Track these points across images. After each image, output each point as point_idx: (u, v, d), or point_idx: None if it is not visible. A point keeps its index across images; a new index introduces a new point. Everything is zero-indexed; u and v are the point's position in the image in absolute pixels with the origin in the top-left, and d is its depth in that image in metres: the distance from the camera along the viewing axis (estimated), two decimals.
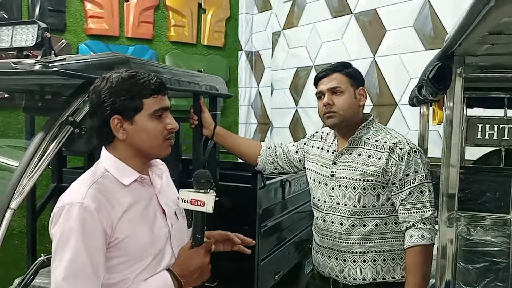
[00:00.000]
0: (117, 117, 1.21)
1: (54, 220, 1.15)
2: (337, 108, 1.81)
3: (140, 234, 1.20)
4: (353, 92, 1.84)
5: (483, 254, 1.39)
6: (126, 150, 1.25)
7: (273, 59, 5.28)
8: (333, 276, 1.87)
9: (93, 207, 1.12)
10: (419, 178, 1.73)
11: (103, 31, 4.58)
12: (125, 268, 1.18)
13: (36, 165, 1.46)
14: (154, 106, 1.24)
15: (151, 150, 1.27)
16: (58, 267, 1.10)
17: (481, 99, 2.60)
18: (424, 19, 3.75)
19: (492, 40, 1.30)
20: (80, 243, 1.10)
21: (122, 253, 1.17)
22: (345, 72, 1.85)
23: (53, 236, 1.14)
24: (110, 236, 1.15)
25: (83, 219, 1.11)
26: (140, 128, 1.22)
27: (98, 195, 1.16)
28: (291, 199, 2.93)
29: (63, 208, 1.13)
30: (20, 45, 1.53)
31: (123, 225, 1.17)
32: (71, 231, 1.10)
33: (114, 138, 1.24)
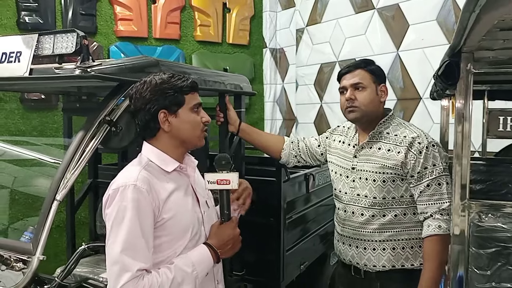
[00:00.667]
0: (164, 112, 1.39)
1: (109, 200, 1.30)
2: (359, 103, 1.88)
3: (182, 216, 1.36)
4: (375, 88, 1.90)
5: (494, 239, 1.44)
6: (169, 141, 1.42)
7: (297, 55, 5.34)
8: (354, 264, 1.96)
9: (145, 189, 1.29)
10: (437, 171, 1.79)
11: (132, 32, 4.74)
12: (168, 247, 1.34)
13: (77, 161, 1.61)
14: (192, 101, 1.43)
15: (191, 139, 1.45)
16: (115, 242, 1.25)
17: (502, 92, 2.61)
18: (447, 13, 3.74)
19: (504, 36, 1.35)
20: (134, 220, 1.25)
21: (166, 233, 1.33)
22: (367, 69, 1.91)
23: (109, 215, 1.30)
24: (157, 217, 1.31)
25: (137, 199, 1.27)
26: (183, 120, 1.41)
27: (148, 179, 1.32)
28: (315, 192, 3.01)
29: (118, 189, 1.28)
30: (61, 52, 1.67)
31: (168, 207, 1.32)
32: (126, 210, 1.26)
33: (158, 131, 1.41)
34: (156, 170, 1.39)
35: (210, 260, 1.39)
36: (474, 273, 1.47)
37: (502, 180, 2.40)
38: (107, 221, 1.30)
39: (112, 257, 1.26)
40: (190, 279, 1.32)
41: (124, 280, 1.22)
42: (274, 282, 2.56)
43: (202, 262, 1.37)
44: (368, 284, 1.93)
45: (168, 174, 1.41)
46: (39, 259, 1.51)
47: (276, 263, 2.54)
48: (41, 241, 1.52)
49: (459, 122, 1.40)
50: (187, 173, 1.49)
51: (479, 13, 0.84)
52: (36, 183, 2.66)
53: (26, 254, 1.53)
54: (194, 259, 1.36)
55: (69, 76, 1.61)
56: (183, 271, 1.32)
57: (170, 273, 1.29)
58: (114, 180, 1.36)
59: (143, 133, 1.46)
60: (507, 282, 1.45)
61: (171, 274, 1.29)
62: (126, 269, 1.23)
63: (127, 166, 1.43)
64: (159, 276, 1.27)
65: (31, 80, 1.66)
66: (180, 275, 1.31)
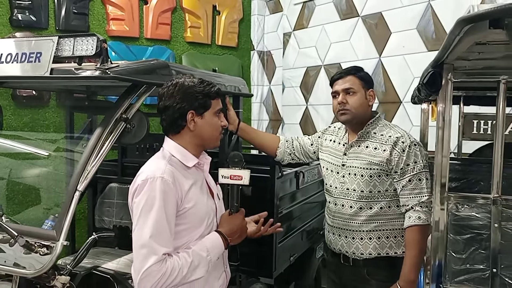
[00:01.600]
0: (192, 112, 1.54)
1: (138, 190, 1.44)
2: (350, 106, 2.08)
3: (200, 206, 1.52)
4: (364, 93, 2.10)
5: (469, 227, 1.66)
6: (191, 139, 1.58)
7: (284, 58, 5.52)
8: (343, 252, 2.15)
9: (171, 181, 1.44)
10: (417, 168, 1.99)
11: (124, 32, 4.80)
12: (187, 234, 1.50)
13: (97, 154, 1.76)
14: (217, 106, 1.60)
15: (210, 139, 1.61)
16: (144, 228, 1.40)
17: (477, 97, 2.86)
18: (427, 22, 3.98)
19: (479, 50, 1.57)
20: (162, 210, 1.41)
21: (186, 221, 1.49)
22: (357, 75, 2.11)
23: (137, 203, 1.44)
24: (179, 206, 1.46)
25: (164, 190, 1.42)
26: (207, 122, 1.57)
27: (172, 172, 1.47)
28: (304, 189, 3.19)
29: (147, 180, 1.43)
30: (81, 54, 1.80)
31: (188, 198, 1.48)
32: (155, 199, 1.41)
33: (182, 129, 1.56)
34: (178, 164, 1.54)
35: (221, 246, 1.57)
36: (452, 256, 1.69)
37: (476, 178, 2.63)
38: (135, 209, 1.44)
39: (140, 241, 1.40)
40: (204, 262, 1.49)
41: (151, 262, 1.37)
42: (266, 272, 2.73)
43: (215, 247, 1.54)
44: (356, 271, 2.12)
45: (188, 169, 1.56)
46: (62, 244, 1.65)
47: (268, 254, 2.71)
48: (64, 228, 1.66)
49: (441, 124, 1.61)
50: (203, 169, 1.65)
51: (462, 36, 1.03)
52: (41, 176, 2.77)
53: (50, 240, 1.67)
54: (208, 245, 1.52)
55: (90, 77, 1.75)
56: (199, 255, 1.48)
57: (188, 257, 1.46)
58: (141, 171, 1.51)
59: (168, 128, 1.59)
60: (479, 264, 1.68)
61: (190, 258, 1.46)
62: (154, 252, 1.38)
63: (152, 159, 1.58)
64: (179, 259, 1.43)
65: (54, 79, 1.79)
66: (197, 259, 1.47)
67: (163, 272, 1.37)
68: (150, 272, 1.36)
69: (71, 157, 2.66)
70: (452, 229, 1.67)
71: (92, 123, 2.81)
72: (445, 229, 1.62)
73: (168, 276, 1.38)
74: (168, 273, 1.38)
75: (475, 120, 2.86)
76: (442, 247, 1.63)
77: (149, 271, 1.36)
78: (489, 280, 1.69)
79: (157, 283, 1.37)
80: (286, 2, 5.50)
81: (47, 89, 3.42)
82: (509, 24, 0.87)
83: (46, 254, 1.67)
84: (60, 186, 2.61)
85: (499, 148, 1.71)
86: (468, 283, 1.71)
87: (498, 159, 1.72)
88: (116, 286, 2.08)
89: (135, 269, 1.40)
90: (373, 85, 2.18)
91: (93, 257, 2.55)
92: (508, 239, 1.68)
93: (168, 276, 1.38)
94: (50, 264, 1.65)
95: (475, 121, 2.86)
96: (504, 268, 1.69)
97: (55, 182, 2.72)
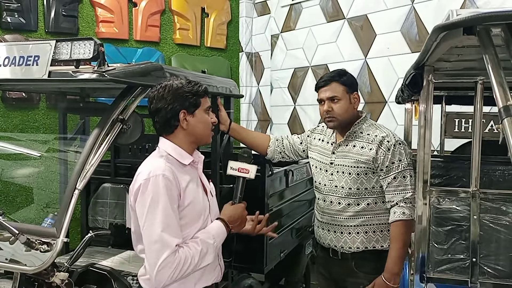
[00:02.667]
0: (184, 111, 1.61)
1: (142, 189, 1.51)
2: (336, 113, 2.16)
3: (196, 203, 1.60)
4: (349, 98, 2.18)
5: (450, 219, 1.76)
6: (185, 137, 1.64)
7: (272, 60, 5.61)
8: (332, 246, 2.24)
9: (172, 177, 1.51)
10: (402, 166, 2.09)
11: (113, 34, 4.84)
12: (186, 228, 1.58)
13: (95, 154, 1.82)
14: (206, 104, 1.67)
15: (203, 136, 1.69)
16: (154, 224, 1.47)
17: (458, 97, 2.97)
18: (410, 24, 4.11)
19: (458, 52, 1.67)
20: (168, 204, 1.48)
21: (185, 216, 1.56)
22: (341, 81, 2.18)
23: (142, 202, 1.50)
24: (179, 202, 1.53)
25: (167, 186, 1.49)
26: (198, 119, 1.64)
27: (172, 169, 1.54)
28: (293, 187, 3.27)
29: (149, 179, 1.50)
30: (79, 57, 1.86)
31: (186, 195, 1.55)
32: (159, 195, 1.48)
33: (176, 128, 1.63)
34: (175, 163, 1.60)
35: (225, 232, 1.67)
36: (434, 247, 1.79)
37: (458, 175, 2.74)
38: (141, 207, 1.51)
39: (153, 237, 1.47)
40: (212, 249, 1.60)
41: (166, 254, 1.45)
42: (258, 267, 2.81)
43: (220, 234, 1.65)
44: (344, 264, 2.22)
45: (184, 167, 1.63)
46: (63, 241, 1.71)
47: (260, 251, 2.78)
48: (64, 225, 1.72)
49: (423, 123, 1.71)
50: (197, 167, 1.72)
51: (439, 42, 1.13)
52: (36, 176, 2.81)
53: (51, 237, 1.72)
54: (214, 232, 1.63)
55: (88, 79, 1.80)
56: (207, 243, 1.58)
57: (198, 246, 1.55)
58: (141, 171, 1.57)
59: (162, 129, 1.66)
60: (460, 254, 1.78)
61: (199, 246, 1.55)
62: (167, 245, 1.46)
63: (149, 158, 1.64)
64: (190, 249, 1.52)
65: (52, 81, 1.84)
66: (206, 246, 1.57)
67: (178, 262, 1.47)
68: (166, 264, 1.45)
69: (65, 158, 2.71)
70: (435, 221, 1.77)
71: (85, 124, 2.86)
72: (427, 222, 1.72)
73: (182, 265, 1.48)
74: (182, 262, 1.48)
75: (456, 119, 2.98)
76: (425, 239, 1.73)
77: (165, 263, 1.45)
78: (469, 269, 1.80)
79: (173, 273, 1.46)
80: (273, 5, 5.59)
81: (43, 91, 3.45)
82: (481, 31, 0.96)
83: (46, 251, 1.72)
84: (55, 186, 2.65)
85: (477, 145, 1.82)
86: (450, 272, 1.81)
87: (476, 155, 1.82)
88: (113, 282, 2.14)
89: (150, 263, 1.48)
90: (357, 87, 2.25)
91: (88, 256, 2.59)
92: (486, 230, 1.79)
93: (183, 265, 1.48)
94: (51, 260, 1.70)
95: (456, 120, 2.98)
96: (483, 257, 1.80)
97: (50, 182, 2.76)
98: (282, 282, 3.50)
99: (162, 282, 1.48)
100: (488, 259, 1.79)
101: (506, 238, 1.74)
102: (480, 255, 1.77)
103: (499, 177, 2.61)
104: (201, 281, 1.63)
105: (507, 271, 1.73)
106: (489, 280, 1.75)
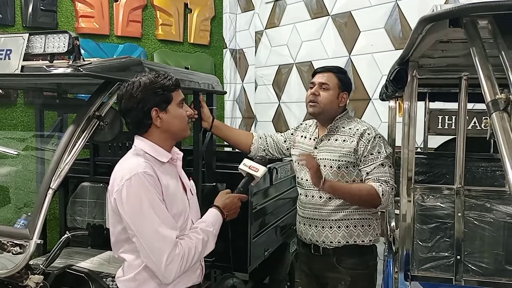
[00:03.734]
0: (156, 109, 1.54)
1: (125, 191, 1.43)
2: (320, 100, 2.20)
3: (176, 201, 1.54)
4: (338, 93, 2.22)
5: (434, 216, 1.75)
6: (161, 135, 1.57)
7: (257, 56, 5.56)
8: (314, 242, 2.24)
9: (153, 173, 1.46)
10: (381, 157, 2.12)
11: (94, 30, 4.73)
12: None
13: (70, 152, 1.75)
14: (178, 97, 1.60)
15: (179, 132, 1.62)
16: (148, 222, 1.43)
17: (442, 94, 2.98)
18: (394, 21, 4.11)
19: (442, 47, 1.65)
20: (156, 199, 1.44)
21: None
22: (337, 75, 2.24)
23: (130, 204, 1.44)
24: (163, 196, 1.48)
25: (150, 182, 1.44)
26: (172, 115, 1.57)
27: (151, 166, 1.49)
28: (277, 185, 3.25)
29: (131, 178, 1.43)
30: (53, 51, 1.78)
31: (166, 193, 1.50)
32: (146, 193, 1.43)
33: (150, 127, 1.56)
34: (152, 161, 1.54)
35: (221, 220, 1.66)
36: (418, 245, 1.77)
37: (441, 172, 2.75)
38: (130, 209, 1.44)
39: (150, 236, 1.42)
40: (212, 237, 1.59)
41: (168, 250, 1.42)
42: (241, 267, 2.77)
43: (217, 221, 1.64)
44: (326, 259, 2.22)
45: (163, 165, 1.57)
46: (36, 243, 1.64)
47: (243, 249, 2.74)
48: (37, 227, 1.65)
49: (407, 121, 1.68)
50: (176, 164, 1.66)
51: (425, 35, 1.10)
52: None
53: (23, 239, 1.65)
54: (211, 220, 1.62)
55: (62, 74, 1.73)
56: (207, 231, 1.57)
57: (199, 235, 1.53)
58: (119, 171, 1.49)
59: (136, 129, 1.59)
60: (444, 252, 1.77)
61: (200, 235, 1.53)
62: (167, 240, 1.43)
63: (126, 158, 1.57)
64: (191, 239, 1.51)
65: (25, 76, 1.76)
66: (206, 234, 1.55)
67: (182, 255, 1.45)
68: (172, 258, 1.42)
69: (42, 156, 2.62)
70: (419, 218, 1.75)
71: (62, 121, 2.78)
72: (412, 219, 1.70)
73: (187, 256, 1.46)
74: (186, 254, 1.46)
75: (440, 115, 2.99)
76: (410, 236, 1.71)
77: (171, 258, 1.42)
78: (453, 267, 1.79)
79: (180, 266, 1.44)
80: (257, 1, 5.53)
81: (17, 87, 3.35)
82: (467, 23, 0.93)
83: (19, 253, 1.65)
84: (32, 185, 2.57)
85: (462, 141, 1.80)
86: (434, 270, 1.80)
87: (461, 152, 1.81)
88: (90, 284, 2.07)
89: (155, 262, 1.43)
90: (349, 90, 2.30)
91: (66, 257, 2.53)
92: (471, 228, 1.78)
93: (188, 256, 1.46)
94: (23, 263, 1.63)
95: (440, 117, 2.98)
96: (468, 255, 1.79)
97: (26, 181, 2.67)
98: (266, 281, 3.47)
99: (171, 276, 1.45)
100: (473, 256, 1.78)
101: (490, 235, 1.74)
102: (465, 252, 1.76)
103: (482, 174, 2.62)
104: (181, 283, 1.58)
105: (492, 268, 1.72)
106: (474, 278, 1.74)
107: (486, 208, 1.75)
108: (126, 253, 1.54)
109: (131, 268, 1.53)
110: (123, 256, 1.55)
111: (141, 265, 1.50)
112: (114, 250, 1.60)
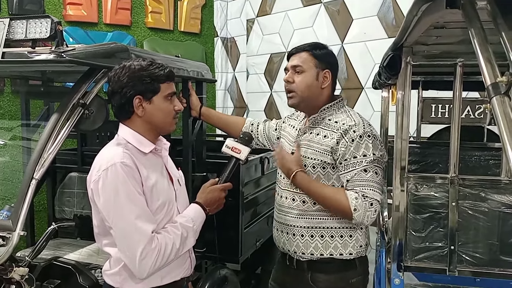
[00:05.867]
0: (139, 97, 1.46)
1: (102, 181, 1.38)
2: (295, 86, 1.82)
3: (159, 192, 1.48)
4: (316, 73, 1.81)
5: (428, 206, 1.72)
6: (143, 125, 1.51)
7: (248, 45, 5.50)
8: (286, 251, 1.90)
9: (132, 164, 1.40)
10: (365, 161, 1.70)
11: (82, 17, 4.66)
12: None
13: (53, 141, 1.69)
14: (167, 90, 1.51)
15: (163, 125, 1.54)
16: (124, 214, 1.37)
17: (435, 82, 2.94)
18: (387, 9, 4.06)
19: (437, 33, 1.60)
20: (133, 190, 1.38)
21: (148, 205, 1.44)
22: (312, 53, 1.83)
23: (106, 194, 1.38)
24: (142, 188, 1.42)
25: (128, 173, 1.38)
26: (156, 107, 1.49)
27: (131, 157, 1.42)
28: (269, 175, 3.20)
29: (108, 169, 1.37)
30: (35, 37, 1.71)
31: (147, 184, 1.44)
32: (122, 184, 1.36)
33: (132, 115, 1.49)
34: (134, 151, 1.47)
35: (203, 215, 1.58)
36: (412, 235, 1.74)
37: (434, 161, 2.73)
38: (105, 201, 1.38)
39: (126, 229, 1.37)
40: (192, 232, 1.51)
41: (143, 243, 1.35)
42: (232, 258, 2.74)
43: (198, 217, 1.55)
44: (299, 275, 1.87)
45: (145, 155, 1.50)
46: (19, 235, 1.59)
47: (234, 239, 2.71)
48: (20, 218, 1.58)
49: (400, 111, 1.64)
50: (161, 154, 1.60)
51: (420, 17, 1.05)
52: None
53: (6, 231, 1.59)
54: (192, 215, 1.54)
55: (44, 60, 1.67)
56: (186, 226, 1.49)
57: (177, 230, 1.46)
58: (97, 161, 1.43)
59: (118, 115, 1.53)
60: (438, 242, 1.74)
61: (179, 231, 1.46)
62: (143, 233, 1.36)
63: (107, 146, 1.50)
64: (169, 234, 1.43)
65: (6, 63, 1.69)
66: (185, 230, 1.48)
67: (158, 249, 1.38)
68: (147, 253, 1.36)
69: (27, 146, 2.56)
70: (412, 208, 1.72)
71: (49, 110, 2.71)
72: (405, 209, 1.67)
73: (163, 252, 1.39)
74: (163, 249, 1.39)
75: (433, 104, 2.96)
76: (403, 226, 1.68)
77: (146, 253, 1.36)
78: (447, 257, 1.76)
79: (155, 261, 1.38)
80: None
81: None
82: (465, 3, 0.89)
83: (1, 246, 1.60)
84: (19, 176, 2.51)
85: (456, 130, 1.77)
86: (428, 260, 1.78)
87: (455, 140, 1.77)
88: (78, 276, 2.03)
89: (129, 255, 1.37)
90: (332, 67, 1.87)
91: (54, 248, 2.49)
92: (465, 217, 1.75)
93: (164, 252, 1.39)
94: (6, 255, 1.57)
95: (433, 106, 2.95)
96: (461, 245, 1.77)
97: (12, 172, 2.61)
98: (258, 271, 3.45)
99: (146, 271, 1.38)
100: (467, 246, 1.75)
101: (484, 225, 1.71)
102: (459, 242, 1.74)
103: (475, 163, 2.60)
104: (168, 276, 1.53)
105: (486, 258, 1.70)
106: (468, 268, 1.72)
107: (481, 198, 1.72)
108: (109, 246, 1.49)
109: (117, 262, 1.48)
110: (107, 250, 1.50)
111: None
112: (98, 242, 1.55)
